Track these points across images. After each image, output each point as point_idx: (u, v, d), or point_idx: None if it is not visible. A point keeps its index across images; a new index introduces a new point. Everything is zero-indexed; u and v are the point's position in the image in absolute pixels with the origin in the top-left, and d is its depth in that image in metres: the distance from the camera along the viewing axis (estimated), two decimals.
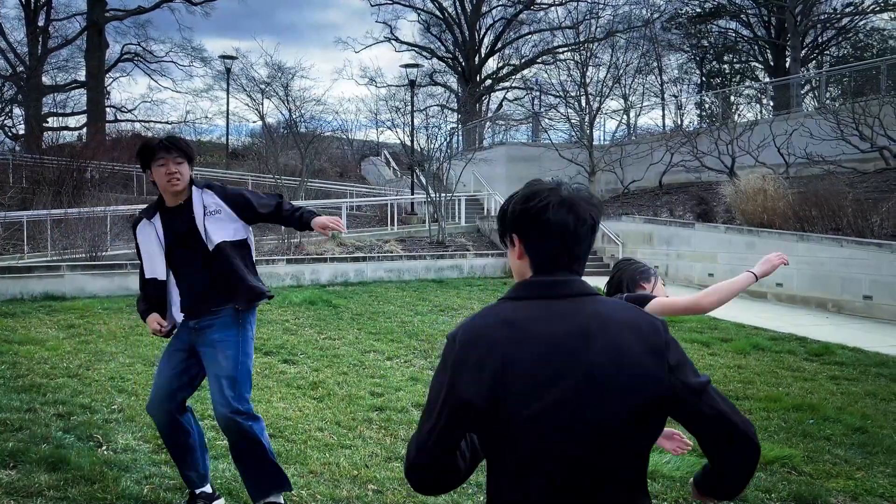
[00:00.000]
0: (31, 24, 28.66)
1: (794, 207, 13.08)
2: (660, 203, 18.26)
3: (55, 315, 9.89)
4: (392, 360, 7.34)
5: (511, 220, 1.56)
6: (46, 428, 4.83)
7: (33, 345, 7.73)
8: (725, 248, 13.56)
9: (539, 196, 1.51)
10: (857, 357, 7.56)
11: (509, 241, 1.58)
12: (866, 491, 4.00)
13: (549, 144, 21.50)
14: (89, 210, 14.26)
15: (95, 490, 3.79)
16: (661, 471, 4.15)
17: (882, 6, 28.07)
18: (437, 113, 28.92)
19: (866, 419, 5.28)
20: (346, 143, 32.32)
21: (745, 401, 5.84)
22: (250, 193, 3.60)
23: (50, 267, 12.22)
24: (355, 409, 5.50)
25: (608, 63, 22.64)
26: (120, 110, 32.49)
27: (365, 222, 20.71)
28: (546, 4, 33.60)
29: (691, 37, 32.28)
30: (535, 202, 1.51)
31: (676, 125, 24.94)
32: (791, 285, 12.10)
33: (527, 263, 1.54)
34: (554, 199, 1.50)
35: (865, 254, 10.90)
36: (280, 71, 26.61)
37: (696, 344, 8.23)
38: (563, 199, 1.51)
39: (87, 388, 5.99)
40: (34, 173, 19.73)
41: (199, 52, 33.05)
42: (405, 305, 11.06)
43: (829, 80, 23.60)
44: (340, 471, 4.15)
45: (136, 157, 3.40)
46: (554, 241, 1.51)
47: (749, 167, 15.78)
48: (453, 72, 36.17)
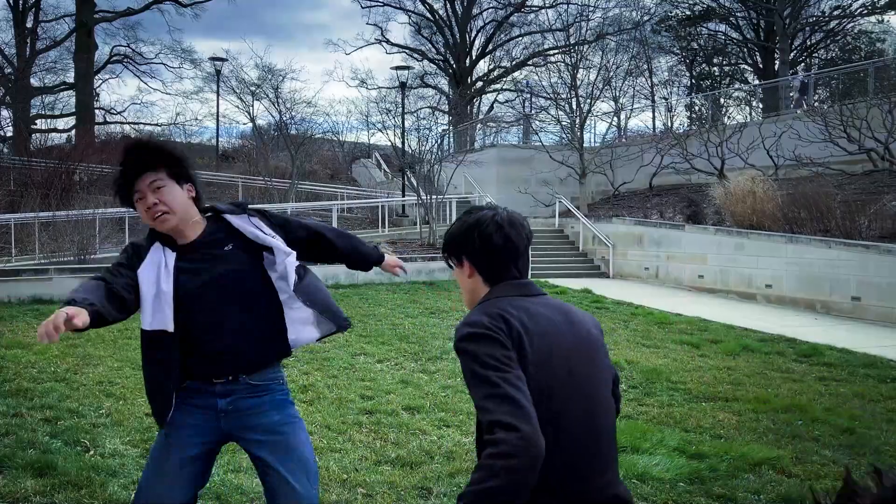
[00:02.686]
0: (19, 25, 28.47)
1: (782, 209, 13.16)
2: (650, 205, 18.32)
3: (43, 319, 9.77)
4: (382, 363, 7.32)
5: (459, 245, 1.81)
6: (33, 433, 4.79)
7: (20, 349, 7.67)
8: (715, 249, 13.62)
9: (482, 223, 1.78)
10: (845, 358, 7.60)
11: (456, 263, 1.84)
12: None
13: (539, 146, 21.53)
14: (78, 213, 14.17)
15: (83, 495, 3.76)
16: (651, 473, 4.16)
17: (869, 9, 28.32)
18: (428, 115, 28.87)
19: (854, 420, 5.30)
20: (337, 145, 32.26)
21: (735, 402, 5.85)
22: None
23: (38, 270, 12.13)
24: (345, 413, 5.48)
25: (598, 65, 22.69)
26: (109, 112, 32.36)
27: (356, 224, 20.68)
28: (536, 7, 33.71)
29: (681, 39, 32.47)
30: (482, 228, 1.77)
31: (666, 127, 25.04)
32: (780, 286, 12.16)
33: (478, 280, 1.80)
34: (496, 224, 1.77)
35: (853, 255, 10.97)
36: (270, 73, 26.62)
37: (686, 346, 8.25)
38: (504, 223, 1.78)
39: (75, 392, 5.94)
40: (22, 176, 19.61)
41: (188, 53, 33.02)
42: (396, 308, 11.04)
43: (818, 82, 23.76)
44: (330, 475, 4.13)
45: (117, 193, 2.41)
46: (502, 258, 1.78)
47: (738, 169, 15.85)
48: (444, 74, 36.20)
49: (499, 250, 1.77)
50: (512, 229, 1.79)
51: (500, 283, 1.78)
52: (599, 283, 14.65)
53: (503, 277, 1.78)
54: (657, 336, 8.87)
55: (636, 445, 4.58)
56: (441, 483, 4.02)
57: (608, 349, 1.86)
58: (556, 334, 1.69)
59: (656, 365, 7.10)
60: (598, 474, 1.67)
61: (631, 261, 15.94)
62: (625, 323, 9.92)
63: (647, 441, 4.67)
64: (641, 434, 4.76)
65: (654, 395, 6.06)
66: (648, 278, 15.29)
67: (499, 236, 1.77)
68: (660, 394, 6.12)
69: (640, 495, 3.93)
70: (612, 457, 1.74)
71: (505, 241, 1.77)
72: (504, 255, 1.78)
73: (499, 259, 1.78)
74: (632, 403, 5.79)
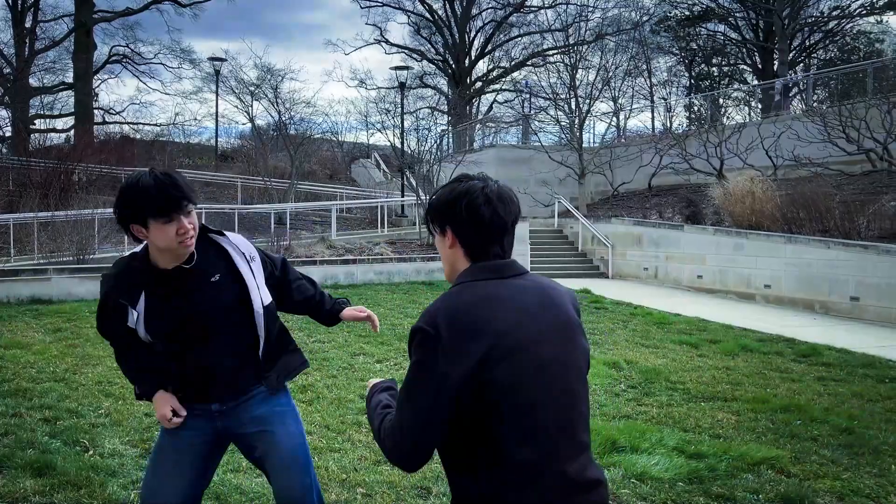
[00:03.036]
0: (18, 25, 28.46)
1: (781, 209, 13.17)
2: (649, 205, 18.34)
3: (42, 319, 9.81)
4: (382, 364, 7.33)
5: (444, 214, 1.73)
6: (32, 433, 4.79)
7: (19, 349, 7.66)
8: (714, 249, 13.63)
9: (471, 193, 1.70)
10: (843, 358, 7.61)
11: (438, 231, 1.76)
12: (853, 491, 4.02)
13: (539, 147, 21.55)
14: (76, 213, 14.15)
15: (82, 495, 3.76)
16: (650, 472, 4.17)
17: (868, 10, 28.34)
18: (428, 115, 28.93)
19: (853, 420, 5.31)
20: (336, 146, 32.28)
21: (734, 402, 5.86)
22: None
23: (36, 270, 12.12)
24: (344, 413, 5.48)
25: (598, 65, 22.75)
26: (108, 112, 32.35)
27: (355, 225, 20.68)
28: (536, 7, 33.74)
29: (680, 40, 32.50)
30: (468, 199, 1.69)
31: (665, 127, 25.12)
32: (779, 287, 12.18)
33: (459, 252, 1.73)
34: (485, 197, 1.70)
35: (852, 255, 10.98)
36: (269, 73, 26.65)
37: (685, 346, 8.26)
38: (493, 196, 1.70)
39: (74, 392, 5.94)
40: (21, 176, 19.61)
41: (187, 53, 33.09)
42: (395, 308, 11.04)
43: (817, 82, 23.79)
44: (329, 475, 4.14)
45: (120, 208, 2.32)
46: (487, 233, 1.70)
47: (737, 169, 15.87)
48: (443, 74, 36.21)
49: (485, 224, 1.69)
50: (500, 204, 1.71)
51: (479, 262, 1.71)
52: (598, 283, 14.66)
53: (486, 254, 1.71)
54: (656, 336, 8.87)
55: (635, 445, 4.58)
56: (440, 483, 4.02)
57: (608, 348, 1.86)
58: (525, 326, 1.63)
59: (655, 365, 7.11)
60: (574, 460, 1.66)
61: (630, 261, 15.95)
62: (624, 323, 9.93)
63: (647, 441, 4.68)
64: (640, 434, 4.77)
65: (653, 395, 6.07)
66: (647, 278, 15.30)
67: (487, 209, 1.69)
68: (659, 394, 6.12)
69: (640, 495, 3.93)
70: (587, 441, 1.73)
71: (492, 216, 1.69)
72: (490, 231, 1.70)
73: (484, 234, 1.70)
74: (631, 403, 5.80)
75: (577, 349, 1.73)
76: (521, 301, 1.66)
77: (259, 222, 19.03)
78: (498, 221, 1.70)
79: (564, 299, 1.76)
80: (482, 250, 1.71)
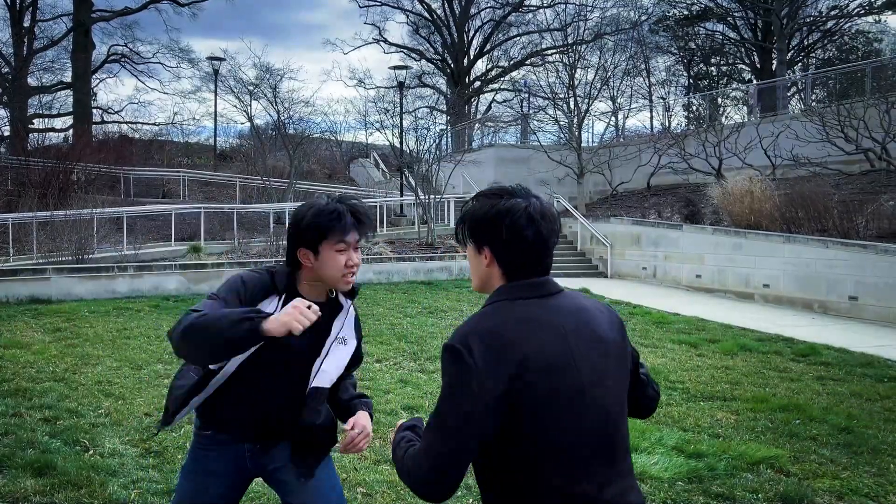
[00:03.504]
0: (17, 24, 28.44)
1: (780, 209, 13.18)
2: (648, 204, 18.35)
3: (41, 318, 9.80)
4: (381, 363, 7.33)
5: (483, 233, 1.65)
6: (32, 433, 4.79)
7: (19, 349, 7.66)
8: (713, 249, 13.64)
9: (514, 213, 1.62)
10: (842, 357, 7.62)
11: (474, 248, 1.68)
12: (852, 490, 4.03)
13: (537, 146, 21.55)
14: (75, 212, 14.15)
15: (82, 495, 3.77)
16: (650, 472, 4.18)
17: (867, 9, 28.38)
18: (426, 115, 28.89)
19: (852, 419, 5.32)
20: (335, 145, 32.24)
21: (733, 401, 5.87)
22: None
23: (35, 270, 12.11)
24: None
25: (596, 65, 22.74)
26: (107, 112, 32.31)
27: None
28: (534, 7, 33.74)
29: (679, 39, 32.51)
30: (511, 218, 1.61)
31: (664, 127, 25.09)
32: (777, 286, 12.19)
33: (496, 271, 1.66)
34: (528, 216, 1.62)
35: (850, 255, 11.00)
36: (268, 72, 26.57)
37: (684, 345, 8.27)
38: (536, 215, 1.62)
39: (74, 392, 5.95)
40: (19, 175, 19.60)
41: (186, 53, 32.97)
42: (394, 308, 11.05)
43: (815, 82, 23.82)
44: None
45: (309, 230, 2.17)
46: (528, 253, 1.63)
47: (736, 169, 15.89)
48: (442, 73, 36.20)
49: (527, 246, 1.62)
50: (544, 222, 1.63)
51: (515, 280, 1.64)
52: (597, 282, 14.68)
53: (524, 275, 1.63)
54: (655, 336, 8.88)
55: (635, 444, 4.59)
56: None
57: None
58: (560, 347, 1.56)
59: (654, 364, 7.12)
60: (611, 484, 1.60)
61: (629, 260, 15.96)
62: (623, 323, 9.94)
63: (646, 440, 4.69)
64: (640, 433, 4.77)
65: None
66: (646, 278, 15.31)
67: (531, 230, 1.61)
68: None
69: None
70: (628, 466, 1.66)
71: (535, 236, 1.61)
72: (532, 252, 1.63)
73: (525, 256, 1.63)
74: None
75: (615, 370, 1.65)
76: (556, 322, 1.60)
77: (258, 222, 19.03)
78: (540, 241, 1.63)
79: (601, 318, 1.68)
80: (521, 271, 1.64)
